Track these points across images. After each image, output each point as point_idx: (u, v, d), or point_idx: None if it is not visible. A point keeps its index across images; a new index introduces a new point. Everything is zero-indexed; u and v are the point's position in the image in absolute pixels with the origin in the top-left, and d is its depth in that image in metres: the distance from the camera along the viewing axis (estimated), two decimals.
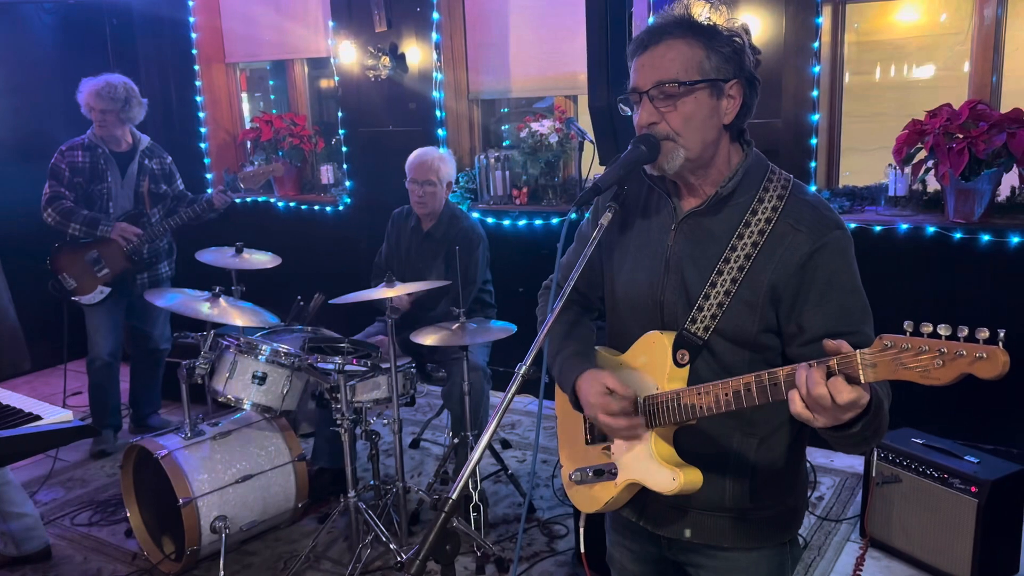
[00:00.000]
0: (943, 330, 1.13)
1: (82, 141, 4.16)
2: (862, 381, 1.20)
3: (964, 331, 1.11)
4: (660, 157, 1.50)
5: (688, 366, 1.52)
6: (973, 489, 2.82)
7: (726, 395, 1.39)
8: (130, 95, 4.13)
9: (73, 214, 4.06)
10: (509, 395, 1.38)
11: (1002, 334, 1.10)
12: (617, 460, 1.60)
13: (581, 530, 1.79)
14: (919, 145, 3.58)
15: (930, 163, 3.58)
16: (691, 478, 1.49)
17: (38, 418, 2.10)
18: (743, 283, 1.49)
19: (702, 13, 1.52)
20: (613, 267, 1.68)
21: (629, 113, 1.57)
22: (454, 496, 1.29)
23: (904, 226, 3.75)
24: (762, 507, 1.59)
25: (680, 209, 1.58)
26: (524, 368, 1.42)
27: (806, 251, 1.46)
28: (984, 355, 1.09)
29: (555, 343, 1.72)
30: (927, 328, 1.14)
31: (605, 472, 1.61)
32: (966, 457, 2.93)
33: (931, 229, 3.68)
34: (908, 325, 1.16)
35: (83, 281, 4.16)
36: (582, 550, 1.80)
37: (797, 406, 1.27)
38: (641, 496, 1.62)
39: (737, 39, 1.52)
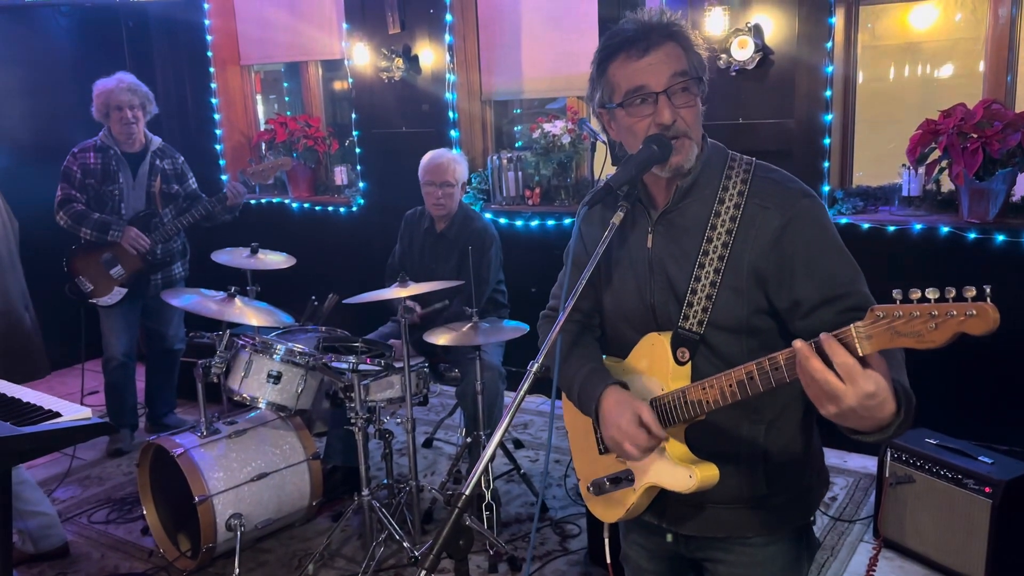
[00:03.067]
0: (931, 294, 1.13)
1: (94, 143, 4.21)
2: (860, 354, 1.20)
3: (952, 292, 1.12)
4: (674, 155, 1.51)
5: (689, 363, 1.53)
6: (987, 490, 2.80)
7: (731, 386, 1.40)
8: (147, 90, 4.21)
9: (84, 218, 4.10)
10: (521, 393, 1.39)
11: (988, 290, 1.10)
12: (633, 466, 1.61)
13: (607, 540, 1.79)
14: (933, 145, 3.56)
15: (944, 163, 3.57)
16: (707, 474, 1.50)
17: (58, 415, 2.13)
18: (726, 271, 1.51)
19: (678, 20, 1.55)
20: (603, 281, 1.70)
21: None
22: (467, 492, 1.31)
23: (918, 226, 3.73)
24: (779, 491, 1.60)
25: (654, 212, 1.61)
26: (536, 366, 1.43)
27: (777, 225, 1.48)
28: (974, 312, 1.10)
29: (565, 360, 1.72)
30: (915, 294, 1.14)
31: (622, 479, 1.62)
32: (980, 457, 2.92)
33: (945, 229, 3.67)
34: (897, 293, 1.16)
35: (99, 283, 4.20)
36: (608, 560, 1.80)
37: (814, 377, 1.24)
38: (660, 497, 1.62)
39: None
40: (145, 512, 3.39)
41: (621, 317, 1.68)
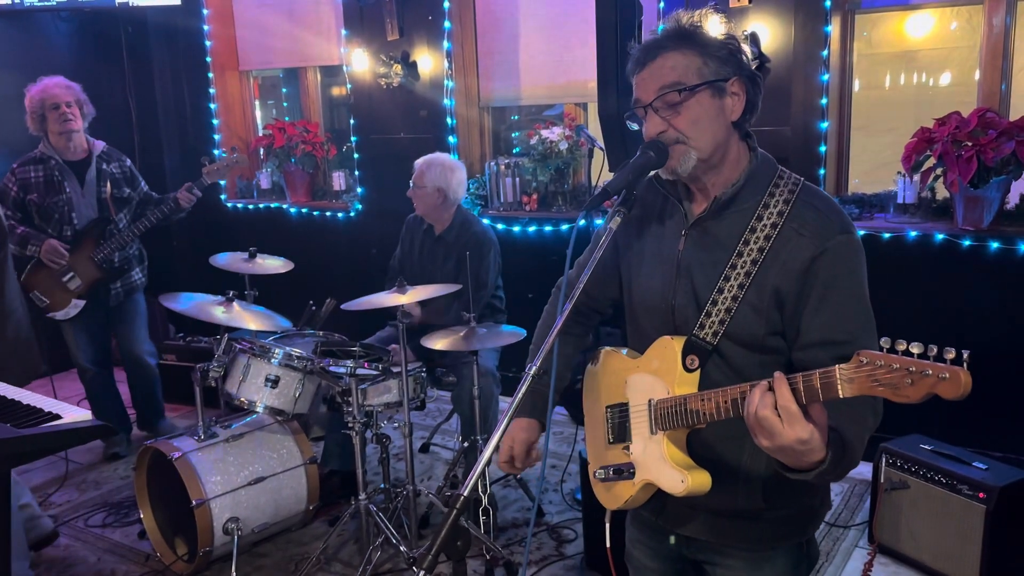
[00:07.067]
0: (915, 348, 1.15)
1: (34, 155, 4.08)
2: (840, 396, 1.23)
3: (934, 350, 1.13)
4: (670, 160, 1.53)
5: (698, 371, 1.54)
6: (981, 495, 2.82)
7: (725, 402, 1.41)
8: (82, 91, 4.11)
9: (10, 234, 3.88)
10: (519, 396, 1.41)
11: (966, 355, 1.11)
12: (635, 460, 1.63)
13: (607, 526, 1.81)
14: (928, 153, 3.59)
15: (939, 171, 3.59)
16: (699, 480, 1.52)
17: (58, 417, 2.13)
18: (750, 288, 1.51)
19: (694, 23, 1.55)
20: (631, 272, 1.72)
21: (637, 128, 1.62)
22: (465, 493, 1.32)
23: (913, 233, 3.76)
24: (776, 507, 1.61)
25: (691, 214, 1.61)
26: (534, 369, 1.45)
27: (808, 256, 1.47)
28: (947, 375, 1.11)
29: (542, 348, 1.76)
30: (901, 346, 1.16)
31: (624, 471, 1.64)
32: (974, 463, 2.94)
33: (940, 236, 3.69)
34: (885, 342, 1.18)
35: (56, 297, 4.08)
36: (608, 545, 1.82)
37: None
38: (660, 496, 1.64)
39: (731, 43, 1.55)
40: (142, 516, 3.39)
41: (643, 311, 1.69)
